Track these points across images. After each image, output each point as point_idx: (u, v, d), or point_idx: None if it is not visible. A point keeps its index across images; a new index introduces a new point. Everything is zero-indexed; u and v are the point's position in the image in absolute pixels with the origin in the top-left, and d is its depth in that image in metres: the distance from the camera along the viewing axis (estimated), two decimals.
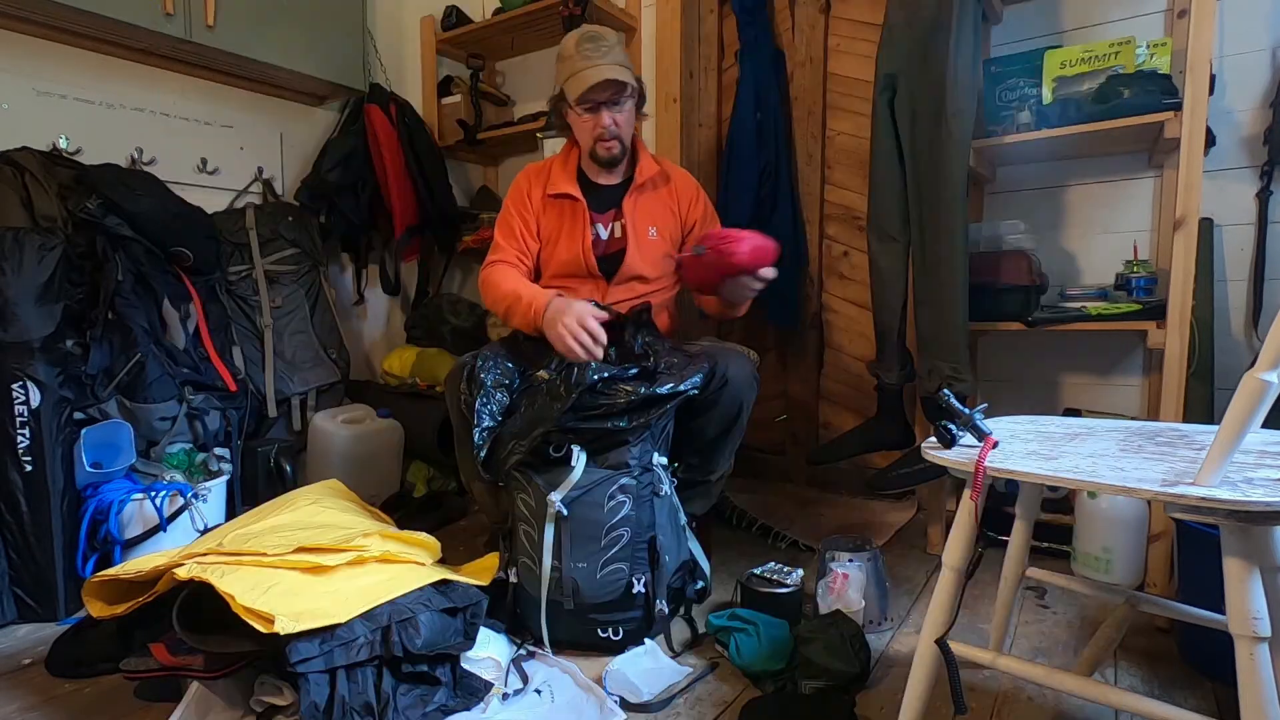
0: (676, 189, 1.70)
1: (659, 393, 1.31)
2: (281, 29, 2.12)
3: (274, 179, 2.34)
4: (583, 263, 1.62)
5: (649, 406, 1.32)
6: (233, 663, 1.07)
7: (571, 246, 1.63)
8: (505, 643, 1.32)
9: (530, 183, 1.69)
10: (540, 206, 1.67)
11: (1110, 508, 1.57)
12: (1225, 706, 1.13)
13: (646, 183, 1.66)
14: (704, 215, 1.72)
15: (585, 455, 1.31)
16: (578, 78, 1.53)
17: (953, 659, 0.91)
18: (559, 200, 1.66)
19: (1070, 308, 1.66)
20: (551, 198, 1.66)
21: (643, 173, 1.66)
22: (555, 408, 1.29)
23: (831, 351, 2.34)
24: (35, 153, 1.69)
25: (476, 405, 1.39)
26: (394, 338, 2.71)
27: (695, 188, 1.74)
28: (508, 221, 1.68)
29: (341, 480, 1.63)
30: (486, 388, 1.42)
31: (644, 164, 1.67)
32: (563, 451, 1.32)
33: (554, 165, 1.70)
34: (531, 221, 1.67)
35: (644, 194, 1.67)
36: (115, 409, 1.64)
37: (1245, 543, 0.73)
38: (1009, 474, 0.83)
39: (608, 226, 1.66)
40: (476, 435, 1.37)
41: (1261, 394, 0.67)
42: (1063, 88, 1.65)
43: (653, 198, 1.68)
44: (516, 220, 1.67)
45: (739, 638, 1.26)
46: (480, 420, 1.38)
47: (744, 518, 2.00)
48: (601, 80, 1.51)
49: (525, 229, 1.67)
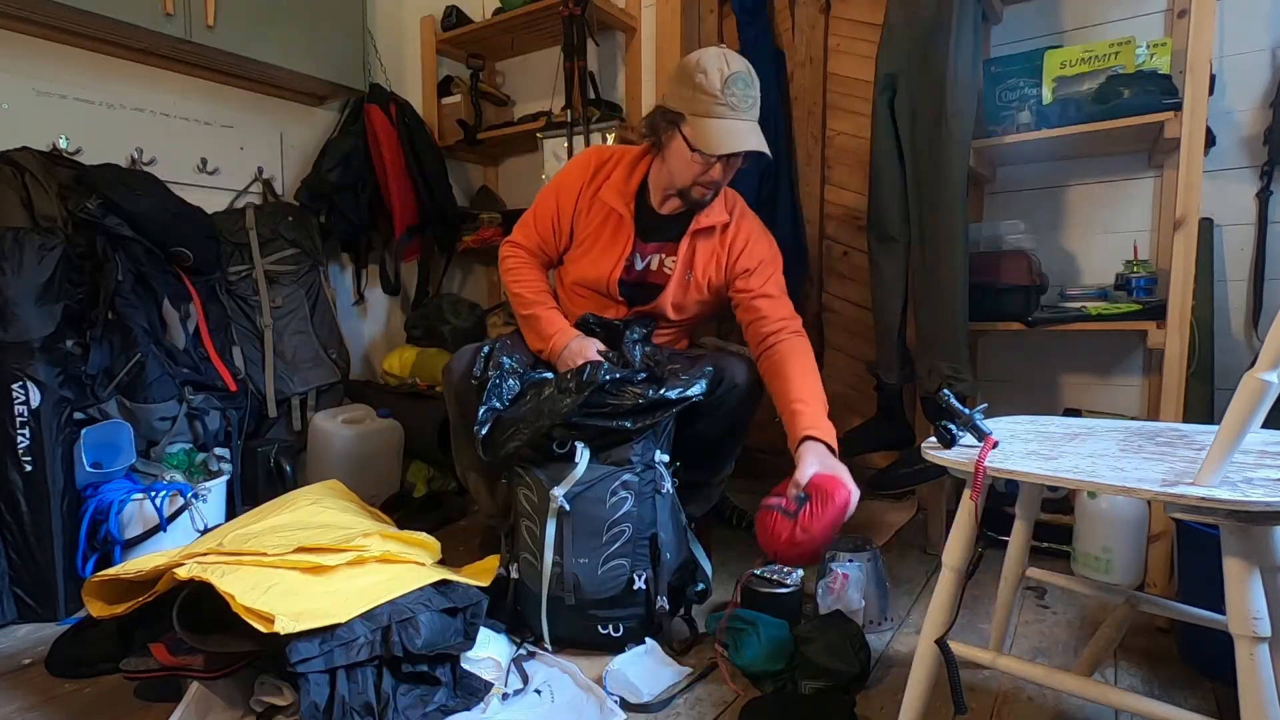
0: (733, 235, 1.54)
1: (668, 397, 1.32)
2: (281, 29, 2.12)
3: (274, 179, 2.34)
4: (605, 284, 1.55)
5: (655, 410, 1.32)
6: (233, 663, 1.07)
7: (602, 266, 1.54)
8: (505, 643, 1.32)
9: (587, 174, 1.56)
10: (588, 204, 1.55)
11: (1110, 508, 1.57)
12: (1225, 706, 1.13)
13: (710, 228, 1.52)
14: (757, 267, 1.52)
15: (589, 452, 1.31)
16: (716, 128, 1.36)
17: (953, 659, 0.91)
18: (607, 210, 1.54)
19: (1070, 308, 1.66)
20: (602, 202, 1.54)
21: (710, 217, 1.51)
22: (565, 402, 1.29)
23: (831, 351, 2.34)
24: (35, 153, 1.69)
25: (490, 383, 1.39)
26: (394, 338, 2.71)
27: (753, 236, 1.55)
28: (547, 205, 1.57)
29: (341, 480, 1.63)
30: (504, 369, 1.42)
31: (715, 208, 1.51)
32: (566, 448, 1.32)
33: (618, 168, 1.55)
34: (568, 215, 1.56)
35: (702, 239, 1.53)
36: (115, 409, 1.64)
37: (1245, 543, 0.73)
38: (1009, 474, 0.83)
39: (646, 258, 1.55)
40: (481, 412, 1.36)
41: (1261, 394, 0.67)
42: (1063, 88, 1.65)
43: (707, 244, 1.53)
44: (555, 205, 1.56)
45: (739, 638, 1.26)
46: (488, 399, 1.38)
47: (744, 518, 2.00)
48: (744, 150, 1.38)
49: (559, 221, 1.57)
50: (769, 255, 1.55)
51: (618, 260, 1.53)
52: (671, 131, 1.43)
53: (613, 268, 1.53)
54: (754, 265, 1.52)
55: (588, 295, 1.61)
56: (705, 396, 1.37)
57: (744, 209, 1.59)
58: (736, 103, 1.37)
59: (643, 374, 1.36)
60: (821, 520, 1.21)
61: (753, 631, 1.25)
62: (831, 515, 1.21)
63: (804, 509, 1.23)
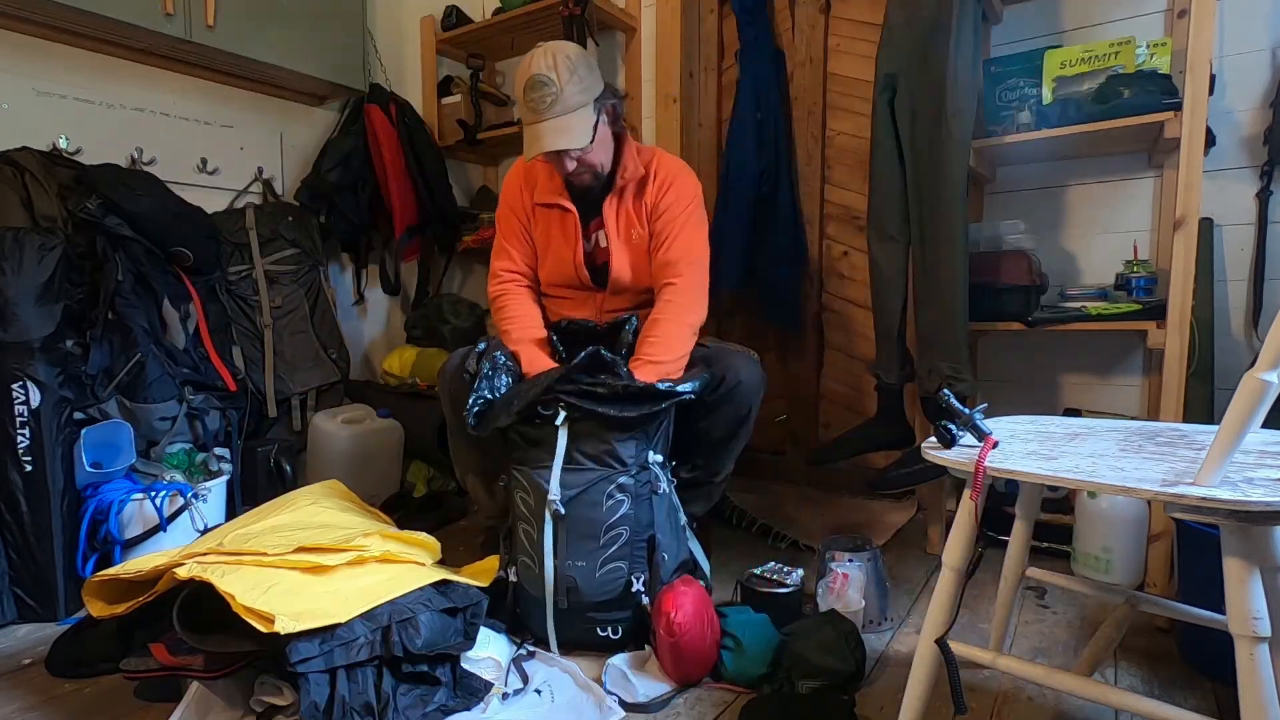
0: (655, 184, 1.56)
1: (656, 388, 1.32)
2: (281, 29, 2.12)
3: (274, 179, 2.34)
4: (575, 276, 1.59)
5: (641, 400, 1.31)
6: (233, 663, 1.07)
7: (562, 259, 1.58)
8: (505, 643, 1.32)
9: (520, 187, 1.63)
10: (533, 211, 1.62)
11: (1110, 508, 1.57)
12: (1225, 706, 1.13)
13: (627, 186, 1.56)
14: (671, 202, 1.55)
15: (566, 415, 1.31)
16: (527, 135, 1.44)
17: (953, 659, 0.91)
18: (549, 209, 1.60)
19: (1070, 308, 1.66)
20: (541, 206, 1.60)
21: (624, 176, 1.55)
22: (551, 374, 1.32)
23: (831, 351, 2.34)
24: (35, 153, 1.69)
25: (482, 374, 1.40)
26: (394, 338, 2.71)
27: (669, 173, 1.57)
28: (509, 226, 1.64)
29: (341, 480, 1.63)
30: (497, 364, 1.43)
31: (628, 165, 1.55)
32: (551, 411, 1.32)
33: (541, 172, 1.60)
34: (526, 223, 1.63)
35: (625, 198, 1.57)
36: (115, 409, 1.64)
37: (1245, 543, 0.73)
38: (1009, 474, 0.83)
39: (592, 235, 1.59)
40: (471, 399, 1.37)
41: (1261, 394, 0.67)
42: (1063, 88, 1.65)
43: (629, 201, 1.57)
44: (514, 221, 1.64)
45: (724, 654, 1.24)
46: (479, 388, 1.39)
47: (744, 518, 2.00)
48: (538, 154, 1.44)
49: (525, 230, 1.64)
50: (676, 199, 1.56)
51: (574, 247, 1.58)
52: None
53: (573, 254, 1.58)
54: (663, 210, 1.56)
55: (567, 294, 1.63)
56: (702, 396, 1.37)
57: (662, 158, 1.60)
58: (535, 105, 1.41)
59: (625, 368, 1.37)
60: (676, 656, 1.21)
61: (733, 644, 1.23)
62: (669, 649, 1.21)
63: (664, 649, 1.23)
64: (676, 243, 1.54)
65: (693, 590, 1.25)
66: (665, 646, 1.21)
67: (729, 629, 1.25)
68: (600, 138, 1.48)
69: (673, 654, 1.20)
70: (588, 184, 1.54)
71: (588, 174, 1.51)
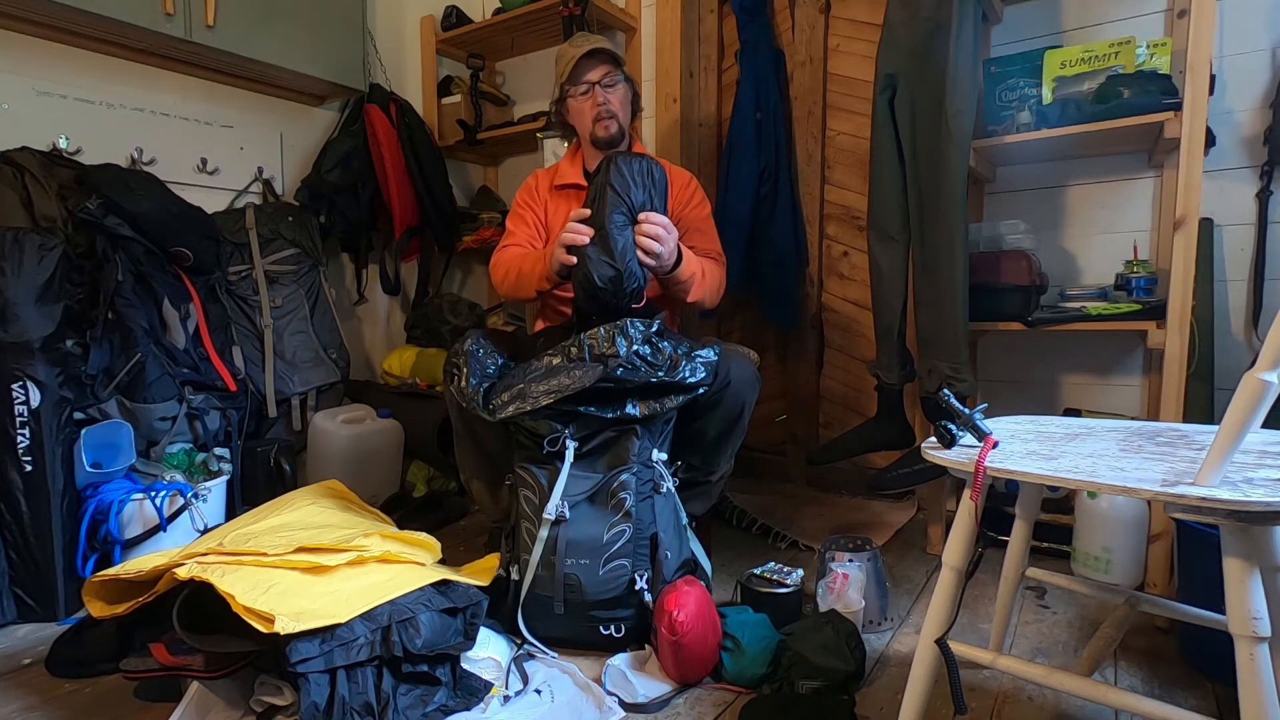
0: (676, 182, 1.69)
1: (684, 379, 1.32)
2: (281, 29, 2.12)
3: (274, 179, 2.34)
4: None
5: (665, 393, 1.33)
6: (233, 663, 1.07)
7: None
8: (505, 643, 1.32)
9: (538, 179, 1.78)
10: (547, 197, 1.74)
11: (1110, 508, 1.57)
12: (1225, 706, 1.13)
13: None
14: (691, 199, 1.71)
15: (575, 446, 1.33)
16: (568, 60, 1.63)
17: (953, 659, 0.91)
18: (565, 191, 1.72)
19: (1070, 308, 1.66)
20: (558, 189, 1.73)
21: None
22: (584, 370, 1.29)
23: (831, 351, 2.34)
24: (35, 153, 1.69)
25: (470, 355, 1.43)
26: (394, 338, 2.71)
27: (688, 177, 1.76)
28: (519, 213, 1.75)
29: (341, 480, 1.63)
30: (477, 356, 1.44)
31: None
32: (557, 446, 1.33)
33: (562, 163, 1.78)
34: (540, 212, 1.74)
35: None
36: (115, 409, 1.64)
37: (1245, 543, 0.73)
38: (1009, 474, 0.83)
39: None
40: (470, 383, 1.38)
41: (1261, 394, 0.67)
42: (1063, 88, 1.65)
43: None
44: (527, 212, 1.75)
45: (724, 655, 1.24)
46: (472, 372, 1.40)
47: (744, 518, 2.00)
48: (590, 49, 1.60)
49: (536, 219, 1.73)
50: (697, 187, 1.75)
51: None
52: (563, 108, 1.72)
53: None
54: (688, 197, 1.71)
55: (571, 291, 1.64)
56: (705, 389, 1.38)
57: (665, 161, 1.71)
58: (579, 40, 1.66)
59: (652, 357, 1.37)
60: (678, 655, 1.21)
61: (732, 646, 1.23)
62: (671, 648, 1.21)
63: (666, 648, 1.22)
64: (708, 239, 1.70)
65: (695, 590, 1.25)
66: (667, 645, 1.21)
67: (729, 629, 1.25)
68: (626, 95, 1.69)
69: (675, 653, 1.20)
70: (613, 135, 1.67)
71: (614, 122, 1.66)
